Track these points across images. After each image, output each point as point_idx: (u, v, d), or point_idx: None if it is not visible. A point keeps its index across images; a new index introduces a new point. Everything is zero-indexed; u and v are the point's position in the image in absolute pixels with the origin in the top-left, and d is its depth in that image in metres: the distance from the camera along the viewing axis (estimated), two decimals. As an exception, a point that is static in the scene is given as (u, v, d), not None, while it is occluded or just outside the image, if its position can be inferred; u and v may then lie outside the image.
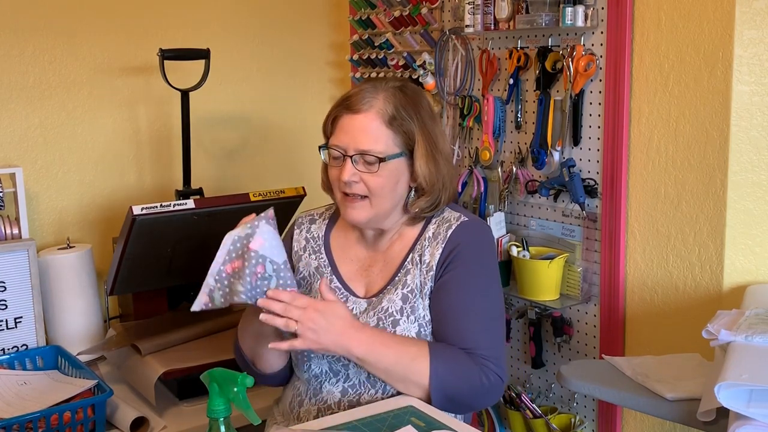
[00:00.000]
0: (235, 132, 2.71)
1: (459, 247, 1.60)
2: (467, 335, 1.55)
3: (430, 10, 2.40)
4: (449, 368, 1.52)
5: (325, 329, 1.48)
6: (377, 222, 1.64)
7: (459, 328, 1.56)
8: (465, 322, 1.56)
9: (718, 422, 1.36)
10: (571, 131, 2.04)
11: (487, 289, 1.61)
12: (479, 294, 1.59)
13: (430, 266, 1.60)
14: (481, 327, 1.57)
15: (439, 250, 1.60)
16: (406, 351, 1.52)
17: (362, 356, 1.50)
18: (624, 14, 1.92)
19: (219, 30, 2.61)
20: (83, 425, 1.75)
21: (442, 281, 1.59)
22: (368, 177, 1.57)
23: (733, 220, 1.79)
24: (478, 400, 1.57)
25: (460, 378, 1.52)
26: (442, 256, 1.60)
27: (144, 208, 1.96)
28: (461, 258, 1.59)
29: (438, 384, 1.50)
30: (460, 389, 1.52)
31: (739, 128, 1.77)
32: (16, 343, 2.10)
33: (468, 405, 1.58)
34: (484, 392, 1.54)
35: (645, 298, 1.98)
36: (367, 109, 1.57)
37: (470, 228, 1.63)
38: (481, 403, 1.60)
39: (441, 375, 1.50)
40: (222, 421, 1.17)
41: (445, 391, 1.51)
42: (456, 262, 1.59)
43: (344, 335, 1.49)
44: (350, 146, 1.57)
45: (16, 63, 2.29)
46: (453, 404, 1.53)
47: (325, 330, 1.48)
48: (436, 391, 1.50)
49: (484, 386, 1.53)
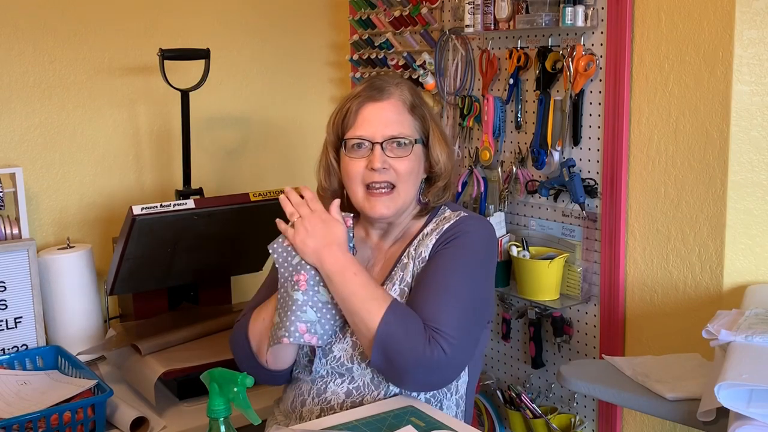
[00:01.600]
0: (235, 132, 2.71)
1: (453, 235, 1.60)
2: (428, 307, 1.51)
3: (430, 10, 2.40)
4: (400, 323, 1.47)
5: (315, 235, 1.56)
6: (399, 214, 1.65)
7: (423, 299, 1.53)
8: (431, 296, 1.52)
9: (718, 422, 1.36)
10: (571, 131, 2.04)
11: (468, 275, 1.56)
12: (457, 276, 1.55)
13: (423, 258, 1.60)
14: (446, 304, 1.51)
15: (432, 241, 1.61)
16: (370, 290, 1.52)
17: (330, 273, 1.54)
18: (624, 14, 1.92)
19: (219, 30, 2.61)
20: (83, 425, 1.75)
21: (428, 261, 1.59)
22: (397, 162, 1.59)
23: (733, 220, 1.79)
24: (411, 369, 1.47)
25: (406, 336, 1.46)
26: (434, 245, 1.60)
27: (144, 208, 1.96)
28: (451, 243, 1.59)
29: (382, 332, 1.47)
30: (401, 347, 1.46)
31: (739, 128, 1.77)
32: (16, 343, 2.10)
33: (401, 369, 1.48)
34: (421, 362, 1.46)
35: (645, 297, 1.98)
36: (389, 96, 1.61)
37: (468, 220, 1.63)
38: (415, 375, 1.48)
39: (389, 325, 1.47)
40: (222, 421, 1.17)
41: (386, 343, 1.47)
42: (446, 245, 1.59)
43: (327, 248, 1.55)
44: (377, 133, 1.59)
45: (16, 63, 2.29)
46: (387, 361, 1.48)
47: (314, 235, 1.56)
48: (378, 339, 1.47)
49: (425, 356, 1.45)
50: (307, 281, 1.55)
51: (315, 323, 1.54)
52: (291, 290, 1.56)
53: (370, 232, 1.71)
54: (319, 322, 1.54)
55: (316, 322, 1.54)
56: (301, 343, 1.53)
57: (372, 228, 1.70)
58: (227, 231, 2.15)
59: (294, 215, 1.59)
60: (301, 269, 1.56)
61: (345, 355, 1.57)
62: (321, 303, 1.55)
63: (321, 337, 1.54)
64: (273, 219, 1.63)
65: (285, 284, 1.58)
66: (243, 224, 2.15)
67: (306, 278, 1.55)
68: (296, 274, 1.56)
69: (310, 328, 1.53)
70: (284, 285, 1.58)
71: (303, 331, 1.52)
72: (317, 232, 1.56)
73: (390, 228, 1.69)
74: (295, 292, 1.55)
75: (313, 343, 1.54)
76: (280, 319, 1.56)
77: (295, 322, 1.52)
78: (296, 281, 1.56)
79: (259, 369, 1.64)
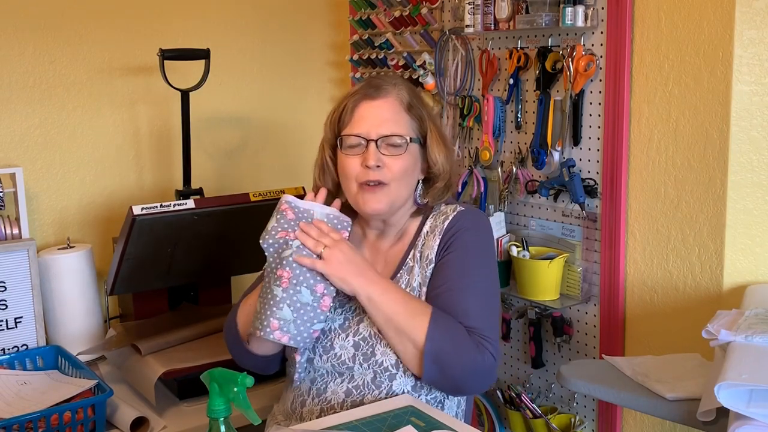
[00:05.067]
0: (235, 132, 2.71)
1: (456, 233, 1.62)
2: (467, 313, 1.54)
3: (430, 10, 2.40)
4: (447, 335, 1.50)
5: (350, 261, 1.54)
6: (392, 212, 1.65)
7: (459, 306, 1.55)
8: (465, 302, 1.56)
9: (718, 422, 1.36)
10: (571, 131, 2.04)
11: (484, 270, 1.62)
12: (477, 274, 1.60)
13: (429, 260, 1.62)
14: (480, 307, 1.57)
15: (436, 242, 1.62)
16: (412, 306, 1.54)
17: (372, 296, 1.53)
18: (624, 14, 1.92)
19: (219, 30, 2.61)
20: (83, 425, 1.75)
21: (440, 263, 1.61)
22: (391, 161, 1.59)
23: (733, 220, 1.79)
24: (468, 378, 1.52)
25: (456, 348, 1.50)
26: (440, 246, 1.62)
27: (144, 208, 1.96)
28: (458, 241, 1.61)
29: (432, 347, 1.49)
30: (453, 360, 1.50)
31: (739, 128, 1.77)
32: (16, 343, 2.10)
33: (457, 379, 1.52)
34: (476, 369, 1.50)
35: (645, 298, 1.98)
36: (386, 95, 1.62)
37: (466, 215, 1.65)
38: (471, 383, 1.55)
39: (437, 339, 1.50)
40: (222, 421, 1.17)
41: (438, 356, 1.49)
42: (454, 245, 1.61)
43: (364, 272, 1.54)
44: (372, 131, 1.59)
45: (16, 63, 2.29)
46: (442, 375, 1.51)
47: (349, 261, 1.54)
48: (428, 355, 1.49)
49: (477, 363, 1.50)
50: (290, 279, 1.52)
51: (289, 322, 1.52)
52: (272, 284, 1.54)
53: (367, 232, 1.71)
54: (294, 322, 1.52)
55: (290, 321, 1.52)
56: (271, 339, 1.52)
57: (369, 227, 1.71)
58: (227, 231, 2.15)
59: (319, 246, 1.54)
60: (287, 266, 1.53)
61: (346, 354, 1.58)
62: (300, 304, 1.53)
63: (294, 338, 1.52)
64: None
65: (269, 275, 1.56)
66: (243, 224, 2.14)
67: (289, 276, 1.53)
68: (280, 269, 1.53)
69: (282, 326, 1.51)
70: (269, 275, 1.56)
71: (275, 327, 1.51)
72: (348, 257, 1.54)
73: (387, 227, 1.69)
74: (275, 287, 1.53)
75: (284, 341, 1.52)
76: (259, 310, 1.55)
77: (269, 317, 1.52)
78: (279, 276, 1.53)
79: (245, 354, 1.67)
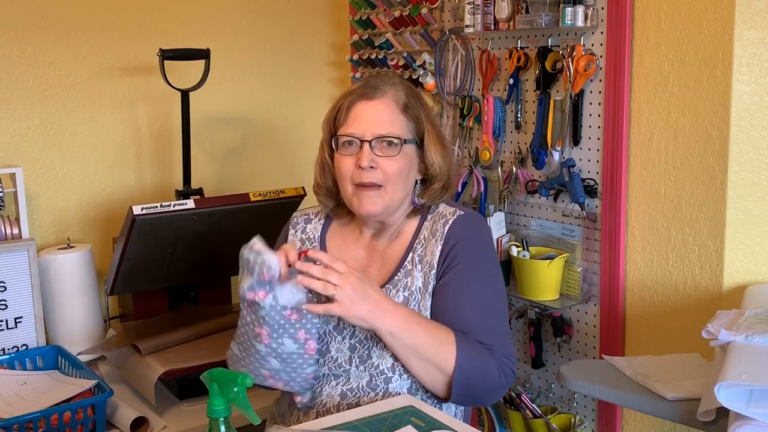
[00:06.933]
0: (235, 132, 2.71)
1: (458, 244, 1.60)
2: (484, 332, 1.55)
3: (430, 10, 2.40)
4: (474, 363, 1.51)
5: (363, 297, 1.45)
6: (388, 214, 1.64)
7: (474, 324, 1.55)
8: (479, 320, 1.56)
9: (718, 422, 1.36)
10: (571, 131, 2.04)
11: (491, 283, 1.62)
12: (486, 289, 1.60)
13: (431, 265, 1.60)
14: (494, 323, 1.58)
15: (438, 248, 1.61)
16: (435, 335, 1.52)
17: (394, 331, 1.48)
18: (624, 14, 1.92)
19: (219, 30, 2.61)
20: (83, 425, 1.75)
21: (446, 279, 1.59)
22: (386, 162, 1.58)
23: (733, 220, 1.79)
24: (491, 396, 1.59)
25: (482, 374, 1.52)
26: (442, 254, 1.60)
27: (144, 208, 1.96)
28: (462, 254, 1.60)
29: (461, 376, 1.50)
30: (480, 385, 1.52)
31: (739, 128, 1.77)
32: (16, 343, 2.10)
33: (481, 399, 1.59)
34: (499, 388, 1.55)
35: (645, 298, 1.98)
36: (381, 95, 1.60)
37: (467, 222, 1.64)
38: (492, 399, 1.63)
39: (466, 368, 1.50)
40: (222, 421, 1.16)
41: (467, 384, 1.51)
42: (457, 258, 1.59)
43: (381, 307, 1.47)
44: (367, 132, 1.58)
45: (16, 63, 2.29)
46: (468, 397, 1.54)
47: (363, 298, 1.44)
48: (458, 383, 1.50)
49: (500, 383, 1.53)
50: (270, 335, 1.44)
51: (280, 371, 1.50)
52: (253, 340, 1.47)
53: (363, 231, 1.70)
54: (284, 370, 1.50)
55: (281, 370, 1.50)
56: (267, 386, 1.54)
57: (365, 227, 1.70)
58: (227, 231, 2.15)
59: (328, 288, 1.43)
60: (264, 324, 1.43)
61: (342, 356, 1.57)
62: (286, 354, 1.47)
63: (287, 384, 1.52)
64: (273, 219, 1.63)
65: (246, 328, 1.48)
66: (243, 224, 2.14)
67: (268, 332, 1.44)
68: (258, 327, 1.45)
69: (274, 374, 1.52)
70: (247, 326, 1.48)
71: (267, 376, 1.52)
72: (360, 293, 1.44)
73: (383, 227, 1.68)
74: (257, 343, 1.47)
75: (279, 387, 1.54)
76: (244, 357, 1.52)
77: (258, 369, 1.51)
78: (258, 334, 1.45)
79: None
